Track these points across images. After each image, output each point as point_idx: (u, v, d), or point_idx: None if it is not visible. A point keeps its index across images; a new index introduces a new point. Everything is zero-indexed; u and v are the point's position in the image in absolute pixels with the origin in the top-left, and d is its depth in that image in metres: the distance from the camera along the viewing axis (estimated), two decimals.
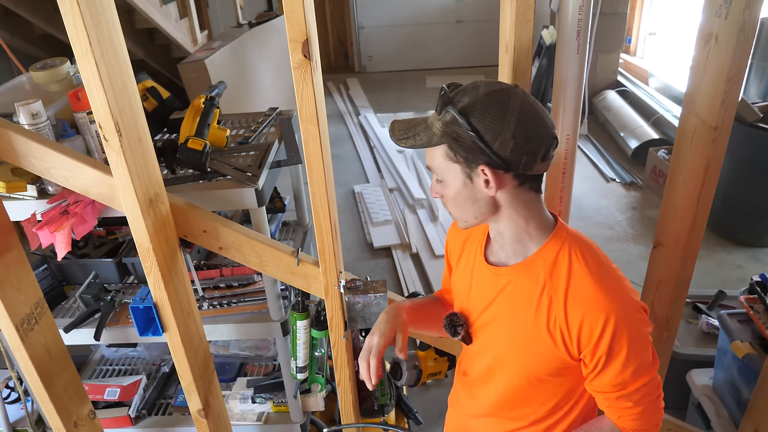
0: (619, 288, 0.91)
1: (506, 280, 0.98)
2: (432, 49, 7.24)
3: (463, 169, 0.90)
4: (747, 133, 2.97)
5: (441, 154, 0.91)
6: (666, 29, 5.61)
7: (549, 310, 0.92)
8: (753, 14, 1.13)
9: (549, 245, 0.95)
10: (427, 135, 0.91)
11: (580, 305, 0.89)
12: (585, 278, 0.90)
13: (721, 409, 1.83)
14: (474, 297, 1.06)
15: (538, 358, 0.96)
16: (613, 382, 0.92)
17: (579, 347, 0.91)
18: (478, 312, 1.05)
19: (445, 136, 0.88)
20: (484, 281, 1.03)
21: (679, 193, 1.38)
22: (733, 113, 1.24)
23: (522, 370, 1.00)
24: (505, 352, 1.01)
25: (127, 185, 1.19)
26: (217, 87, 1.74)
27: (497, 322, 1.01)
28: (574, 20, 1.25)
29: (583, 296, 0.89)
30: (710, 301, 2.26)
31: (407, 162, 4.60)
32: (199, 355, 1.51)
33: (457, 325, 1.07)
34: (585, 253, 0.93)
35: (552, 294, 0.92)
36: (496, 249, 1.02)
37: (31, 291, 1.33)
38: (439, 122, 0.89)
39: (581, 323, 0.89)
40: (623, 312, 0.88)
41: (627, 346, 0.88)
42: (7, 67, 3.14)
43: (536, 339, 0.94)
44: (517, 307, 0.97)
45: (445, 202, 0.97)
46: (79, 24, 1.01)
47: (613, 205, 3.87)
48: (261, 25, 4.40)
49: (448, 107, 0.87)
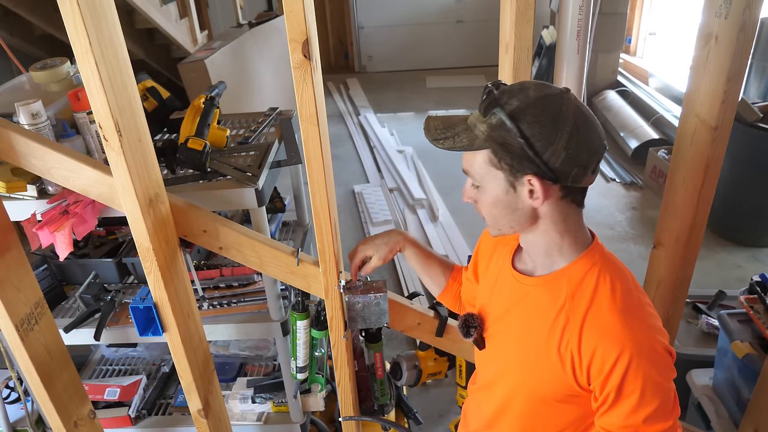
0: (643, 324, 0.84)
1: (528, 290, 0.95)
2: (432, 49, 7.25)
3: (507, 177, 0.84)
4: (747, 133, 2.97)
5: (483, 159, 0.85)
6: (666, 29, 5.61)
7: (564, 330, 0.86)
8: (753, 14, 1.13)
9: (578, 264, 0.90)
10: (468, 137, 0.85)
11: (596, 332, 0.83)
12: (606, 306, 0.84)
13: (721, 409, 1.83)
14: (494, 301, 1.03)
15: (543, 379, 0.91)
16: (623, 424, 0.84)
17: (588, 377, 0.85)
18: (494, 317, 1.02)
19: (490, 140, 0.82)
20: (506, 287, 1.00)
21: (679, 193, 1.38)
22: (733, 113, 1.24)
23: (525, 389, 0.95)
24: (512, 365, 0.97)
25: (127, 185, 1.19)
26: (217, 87, 1.74)
27: (510, 332, 0.97)
28: (574, 20, 1.25)
29: (599, 325, 0.83)
30: (710, 301, 2.26)
31: (407, 162, 4.60)
32: (199, 355, 1.51)
33: (471, 326, 1.03)
34: (614, 280, 0.87)
35: (570, 314, 0.86)
36: (525, 257, 0.99)
37: (31, 291, 1.33)
38: (483, 125, 0.83)
39: (594, 352, 0.83)
40: (641, 349, 0.81)
41: (641, 388, 0.81)
42: (7, 67, 3.14)
43: (545, 358, 0.89)
44: (531, 319, 0.92)
45: (479, 208, 0.93)
46: (79, 24, 1.01)
47: (613, 205, 3.87)
48: (261, 25, 4.41)
49: (495, 109, 0.81)
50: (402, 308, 1.52)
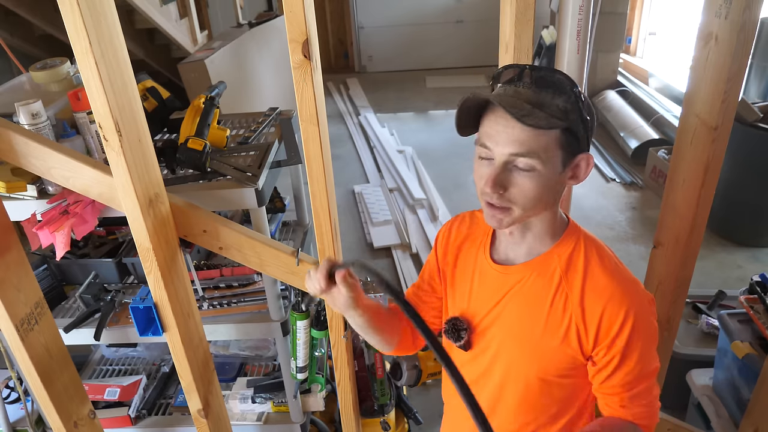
0: (633, 284, 0.90)
1: (516, 278, 0.95)
2: (432, 49, 7.24)
3: (564, 157, 0.85)
4: (747, 133, 2.97)
5: (554, 138, 0.82)
6: (666, 29, 5.61)
7: (564, 307, 0.90)
8: (753, 14, 1.13)
9: (564, 242, 0.93)
10: (544, 115, 0.81)
11: (599, 300, 0.88)
12: (601, 274, 0.89)
13: (721, 409, 1.83)
14: (476, 299, 1.02)
15: (547, 357, 0.94)
16: (627, 380, 0.90)
17: (596, 342, 0.89)
18: (481, 314, 1.01)
19: (568, 118, 0.82)
20: (488, 282, 1.00)
21: (679, 193, 1.38)
22: (733, 113, 1.24)
23: (524, 371, 0.97)
24: (509, 352, 0.98)
25: (127, 185, 1.19)
26: (217, 87, 1.74)
27: (503, 323, 0.98)
28: (574, 20, 1.25)
29: (601, 291, 0.88)
30: (710, 301, 2.26)
31: (407, 162, 4.60)
32: (199, 355, 1.51)
33: (461, 329, 1.02)
34: (599, 251, 0.92)
35: (568, 291, 0.90)
36: (504, 248, 0.99)
37: (31, 291, 1.33)
38: (558, 102, 0.82)
39: (600, 317, 0.87)
40: (640, 307, 0.88)
41: (642, 341, 0.88)
42: (7, 67, 3.14)
43: (547, 336, 0.92)
44: (528, 305, 0.94)
45: (516, 194, 0.85)
46: (79, 24, 1.01)
47: (613, 205, 3.87)
48: (261, 25, 4.40)
49: (567, 90, 0.82)
50: None
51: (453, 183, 4.25)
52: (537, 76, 0.83)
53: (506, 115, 0.81)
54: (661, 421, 1.75)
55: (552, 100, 0.82)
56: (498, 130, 0.83)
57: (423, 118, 5.80)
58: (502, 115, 0.82)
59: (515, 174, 0.84)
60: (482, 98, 0.84)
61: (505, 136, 0.82)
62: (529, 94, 0.83)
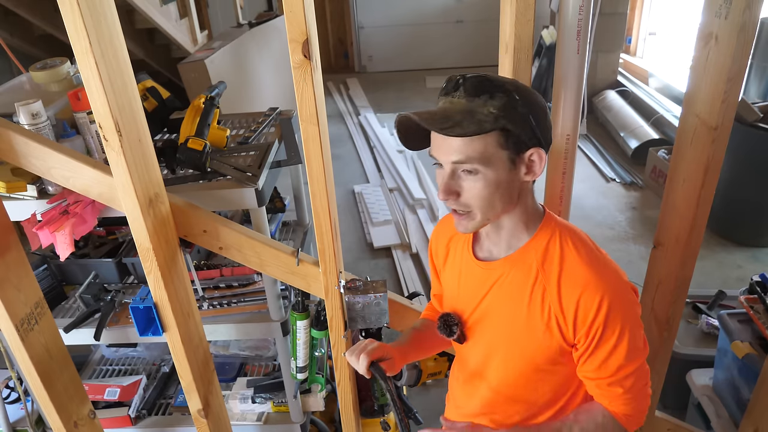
0: (611, 270, 0.92)
1: (498, 273, 0.98)
2: (432, 49, 7.24)
3: (509, 156, 0.87)
4: (747, 133, 2.96)
5: (490, 142, 0.85)
6: (666, 29, 5.61)
7: (543, 299, 0.93)
8: (753, 14, 1.13)
9: (539, 235, 0.95)
10: (474, 122, 0.84)
11: (575, 289, 0.90)
12: (576, 263, 0.91)
13: (721, 409, 1.83)
14: (464, 295, 1.06)
15: (534, 347, 0.96)
16: (605, 365, 0.92)
17: (575, 330, 0.91)
18: (470, 310, 1.05)
19: (501, 120, 0.84)
20: (473, 278, 1.03)
21: (679, 193, 1.37)
22: (733, 113, 1.24)
23: (517, 363, 1.00)
24: (500, 345, 1.02)
25: (127, 185, 1.19)
26: (217, 87, 1.74)
27: (491, 317, 1.01)
28: (574, 20, 1.25)
29: (576, 280, 0.90)
30: (710, 301, 2.26)
31: (407, 162, 4.60)
32: (199, 355, 1.51)
33: (452, 324, 1.07)
34: (575, 240, 0.94)
35: (545, 283, 0.93)
36: (486, 245, 1.03)
37: (31, 291, 1.33)
38: (489, 107, 0.84)
39: (577, 306, 0.89)
40: (616, 293, 0.89)
41: (620, 326, 0.89)
42: (7, 67, 3.14)
43: (531, 329, 0.95)
44: (510, 299, 0.97)
45: (469, 199, 0.90)
46: (79, 24, 1.01)
47: (613, 205, 3.87)
48: (261, 25, 4.40)
49: (499, 93, 0.84)
50: (402, 308, 1.52)
51: None
52: (469, 85, 0.86)
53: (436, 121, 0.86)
54: (661, 421, 1.74)
55: (483, 106, 0.85)
56: (438, 143, 0.89)
57: None
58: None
59: (463, 179, 0.89)
60: (404, 117, 0.89)
61: (444, 146, 0.88)
62: (462, 103, 0.86)
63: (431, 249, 1.17)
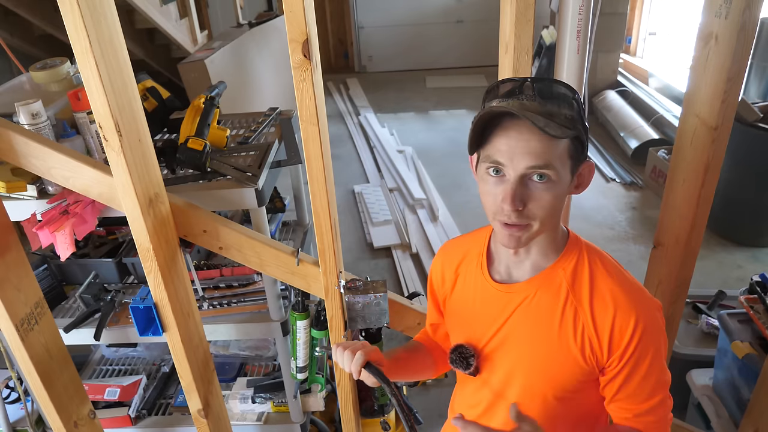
0: (641, 290, 0.89)
1: (522, 296, 0.93)
2: (432, 49, 7.24)
3: (572, 166, 0.84)
4: (747, 133, 2.96)
5: (564, 149, 0.81)
6: (666, 29, 5.61)
7: (575, 320, 0.88)
8: (753, 14, 1.13)
9: (567, 255, 0.91)
10: (558, 125, 0.79)
11: (609, 309, 0.86)
12: (608, 284, 0.88)
13: (721, 409, 1.83)
14: (480, 322, 0.98)
15: (560, 372, 0.91)
16: (640, 390, 0.89)
17: (610, 352, 0.87)
18: (487, 337, 0.97)
19: (577, 126, 0.81)
20: (490, 303, 0.97)
21: (679, 193, 1.38)
22: (733, 113, 1.24)
23: (542, 387, 0.94)
24: (521, 371, 0.95)
25: (127, 185, 1.19)
26: (217, 87, 1.74)
27: (512, 342, 0.95)
28: (574, 20, 1.25)
29: (608, 300, 0.87)
30: (710, 301, 2.26)
31: (407, 162, 4.60)
32: (199, 355, 1.51)
33: (468, 356, 0.99)
34: (603, 260, 0.91)
35: (576, 304, 0.88)
36: (503, 266, 0.96)
37: (31, 291, 1.33)
38: (565, 111, 0.80)
39: (612, 327, 0.86)
40: (649, 315, 0.87)
41: (654, 349, 0.87)
42: (7, 67, 3.14)
43: (561, 352, 0.90)
44: (537, 322, 0.91)
45: (536, 209, 0.83)
46: (79, 24, 1.01)
47: (613, 205, 3.87)
48: (261, 25, 4.40)
49: (570, 98, 0.81)
50: (402, 308, 1.52)
51: (453, 183, 4.25)
52: (539, 88, 0.81)
53: (520, 128, 0.79)
54: None
55: (559, 110, 0.80)
56: (512, 145, 0.80)
57: (423, 118, 5.80)
58: (516, 128, 0.80)
59: (532, 188, 0.82)
60: (501, 111, 0.80)
61: (521, 149, 0.80)
62: (535, 106, 0.80)
63: (433, 278, 1.09)
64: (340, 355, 0.98)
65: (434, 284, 1.10)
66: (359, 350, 0.96)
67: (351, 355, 0.96)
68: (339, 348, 0.99)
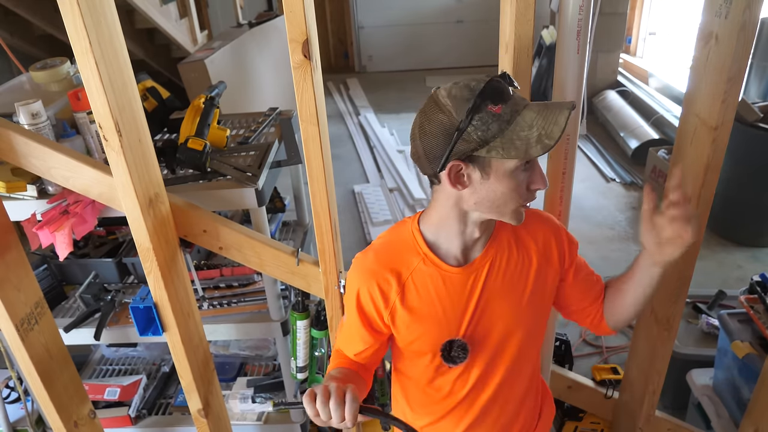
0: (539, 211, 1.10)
1: (487, 263, 1.00)
2: (432, 49, 7.24)
3: None
4: (747, 133, 2.96)
5: None
6: (666, 29, 5.61)
7: (531, 255, 1.03)
8: (753, 14, 1.13)
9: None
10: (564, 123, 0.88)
11: (542, 231, 1.05)
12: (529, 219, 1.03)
13: (721, 409, 1.83)
14: (454, 309, 0.99)
15: (546, 297, 1.06)
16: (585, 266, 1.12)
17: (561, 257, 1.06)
18: (468, 317, 0.99)
19: None
20: (458, 288, 0.98)
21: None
22: (733, 113, 1.24)
23: (536, 319, 1.06)
24: (514, 322, 1.02)
25: (127, 185, 1.19)
26: (217, 87, 1.75)
27: (494, 306, 1.00)
28: (574, 20, 1.24)
29: (538, 227, 1.05)
30: (710, 301, 2.26)
31: (407, 162, 4.60)
32: (199, 355, 1.51)
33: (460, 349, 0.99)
34: None
35: (526, 243, 1.03)
36: (456, 253, 0.98)
37: (31, 291, 1.33)
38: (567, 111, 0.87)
39: (553, 239, 1.05)
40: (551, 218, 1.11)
41: None
42: (7, 67, 3.14)
43: (542, 281, 1.04)
44: (510, 274, 1.01)
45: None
46: (79, 24, 1.01)
47: (613, 205, 3.87)
48: (261, 25, 4.40)
49: None
50: None
51: None
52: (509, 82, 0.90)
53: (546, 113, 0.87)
54: (661, 421, 1.75)
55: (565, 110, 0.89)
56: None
57: None
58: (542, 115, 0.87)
59: None
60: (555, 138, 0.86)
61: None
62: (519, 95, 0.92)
63: (362, 303, 1.01)
64: (324, 410, 0.82)
65: (365, 309, 1.01)
66: (348, 396, 0.83)
67: (339, 405, 0.82)
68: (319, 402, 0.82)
